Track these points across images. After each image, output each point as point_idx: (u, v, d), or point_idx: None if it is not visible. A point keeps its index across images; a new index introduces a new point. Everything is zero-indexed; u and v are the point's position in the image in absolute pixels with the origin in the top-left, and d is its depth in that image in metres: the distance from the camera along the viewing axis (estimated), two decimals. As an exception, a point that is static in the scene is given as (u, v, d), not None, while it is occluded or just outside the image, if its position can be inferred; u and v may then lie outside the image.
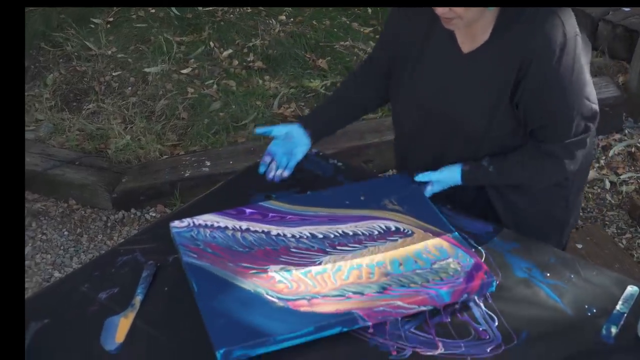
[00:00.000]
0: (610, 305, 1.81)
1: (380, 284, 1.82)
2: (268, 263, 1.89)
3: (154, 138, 4.06)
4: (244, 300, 1.78)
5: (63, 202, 3.84)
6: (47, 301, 1.88)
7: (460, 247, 1.93)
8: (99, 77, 4.58)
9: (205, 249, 1.93)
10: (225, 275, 1.85)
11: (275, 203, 2.09)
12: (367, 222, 2.02)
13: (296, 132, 2.24)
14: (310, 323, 1.71)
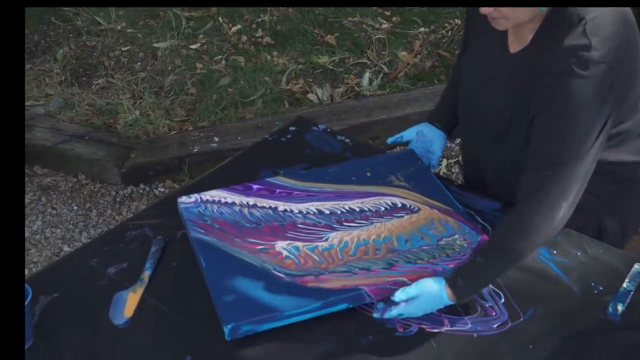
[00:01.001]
0: (617, 282, 1.81)
1: (386, 260, 1.84)
2: (275, 239, 1.90)
3: (162, 113, 4.06)
4: (252, 275, 1.79)
5: (72, 177, 3.86)
6: (56, 275, 1.90)
7: (466, 223, 1.94)
8: (109, 52, 4.58)
9: (213, 225, 1.94)
10: (232, 251, 1.86)
11: (282, 179, 2.10)
12: (374, 199, 2.03)
13: (427, 130, 2.23)
14: (317, 299, 1.73)
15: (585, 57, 1.71)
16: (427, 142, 2.22)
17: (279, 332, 1.69)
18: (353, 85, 4.21)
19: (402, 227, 1.94)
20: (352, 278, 1.78)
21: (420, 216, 1.97)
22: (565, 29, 1.74)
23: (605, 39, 1.73)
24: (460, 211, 1.98)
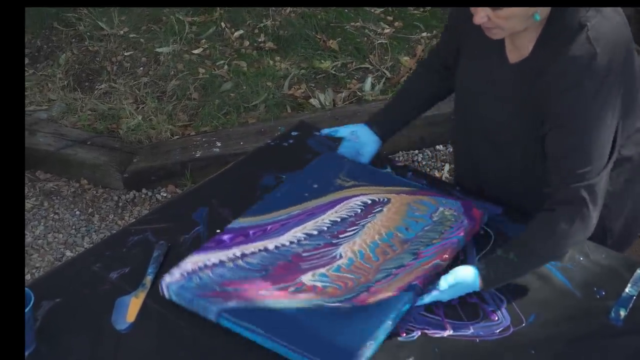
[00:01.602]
0: (620, 287, 1.81)
1: (408, 251, 1.86)
2: (296, 275, 1.80)
3: (165, 118, 4.07)
4: (315, 317, 1.69)
5: (75, 182, 3.86)
6: (58, 280, 1.90)
7: (437, 195, 2.01)
8: (111, 57, 4.59)
9: (225, 289, 1.76)
10: (272, 305, 1.73)
11: (244, 220, 1.96)
12: (342, 205, 2.01)
13: (363, 132, 2.21)
14: (387, 311, 1.70)
15: (594, 67, 1.71)
16: (359, 144, 2.20)
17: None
18: (355, 90, 4.22)
19: (391, 220, 1.95)
20: (397, 279, 1.77)
21: (396, 204, 1.99)
22: (567, 37, 1.74)
23: (609, 45, 1.73)
24: (422, 187, 2.04)
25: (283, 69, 4.41)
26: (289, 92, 4.23)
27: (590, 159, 1.76)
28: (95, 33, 4.75)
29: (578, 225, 1.77)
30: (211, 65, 4.46)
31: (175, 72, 4.39)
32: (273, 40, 4.64)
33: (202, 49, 4.59)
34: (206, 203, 2.08)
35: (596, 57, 1.71)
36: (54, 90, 4.33)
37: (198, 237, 1.98)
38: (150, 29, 4.75)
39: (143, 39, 4.67)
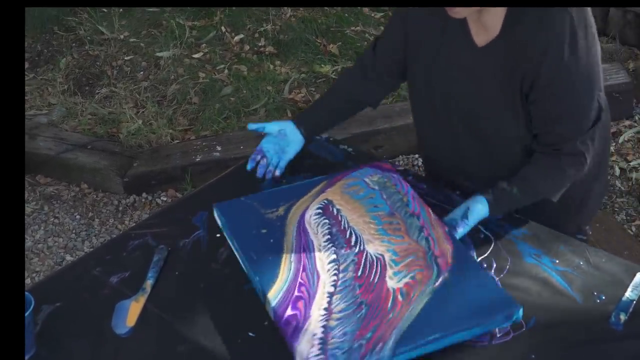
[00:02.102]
0: (620, 292, 1.81)
1: (405, 216, 1.97)
2: (382, 290, 1.77)
3: (165, 122, 4.07)
4: (443, 304, 1.74)
5: (75, 186, 3.86)
6: (58, 284, 1.90)
7: (354, 171, 2.13)
8: (112, 61, 4.59)
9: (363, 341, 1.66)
10: (405, 322, 1.70)
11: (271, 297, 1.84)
12: (308, 226, 1.96)
13: (289, 130, 2.23)
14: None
15: (573, 28, 1.83)
16: (284, 142, 2.23)
17: (280, 339, 1.69)
18: (355, 95, 4.21)
19: (356, 209, 2.00)
20: (433, 231, 1.92)
21: (337, 198, 2.04)
22: (539, 10, 1.83)
23: (577, 10, 1.84)
24: (326, 177, 2.11)
25: (283, 73, 4.41)
26: (289, 96, 4.23)
27: (584, 116, 1.92)
28: (96, 37, 4.76)
29: (577, 172, 1.98)
30: (211, 70, 4.46)
31: (176, 77, 4.40)
32: (273, 44, 4.65)
33: (202, 53, 4.60)
34: (206, 207, 2.08)
35: (573, 20, 1.81)
36: (54, 94, 4.33)
37: (198, 242, 1.98)
38: (150, 33, 4.76)
39: (143, 43, 4.68)
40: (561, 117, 1.92)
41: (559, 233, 2.01)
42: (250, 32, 4.76)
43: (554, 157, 1.96)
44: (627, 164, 3.70)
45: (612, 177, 3.64)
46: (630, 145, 3.82)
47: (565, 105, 1.91)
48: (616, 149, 3.80)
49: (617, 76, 4.00)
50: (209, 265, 1.91)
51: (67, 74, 4.51)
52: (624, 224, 3.36)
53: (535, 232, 1.97)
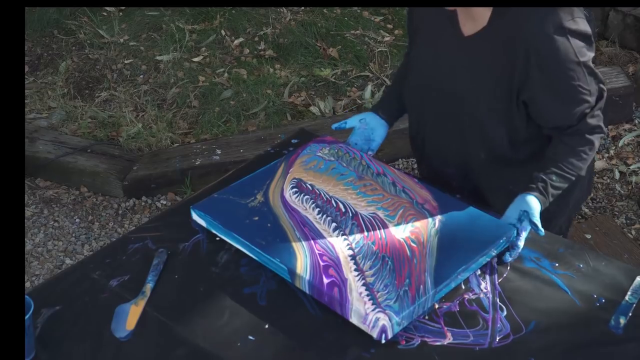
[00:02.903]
0: (619, 295, 1.81)
1: (390, 190, 2.06)
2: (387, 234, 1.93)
3: (165, 126, 4.07)
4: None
5: (75, 190, 3.86)
6: (58, 288, 1.90)
7: (302, 149, 2.22)
8: (111, 64, 4.59)
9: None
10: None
11: None
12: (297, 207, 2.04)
13: (371, 118, 2.32)
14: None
15: (558, 16, 1.89)
16: (368, 129, 2.32)
17: (280, 342, 1.69)
18: (355, 98, 4.22)
19: (327, 184, 2.09)
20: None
21: (304, 175, 2.12)
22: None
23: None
24: (289, 156, 2.20)
25: (283, 77, 4.41)
26: (289, 99, 4.24)
27: (585, 91, 1.96)
28: (96, 41, 4.76)
29: (598, 144, 2.05)
30: (211, 73, 4.46)
31: (176, 80, 4.40)
32: (273, 48, 4.65)
33: (202, 56, 4.60)
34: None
35: (562, 18, 1.88)
36: (54, 98, 4.34)
37: (198, 245, 1.98)
38: (150, 37, 4.76)
39: (143, 47, 4.68)
40: (563, 98, 1.97)
41: (558, 236, 2.01)
42: (250, 36, 4.76)
43: (573, 135, 2.01)
44: (627, 167, 3.70)
45: (612, 181, 3.64)
46: (630, 148, 3.82)
47: (564, 84, 1.95)
48: (616, 153, 3.80)
49: (617, 80, 4.00)
50: (209, 269, 1.91)
51: (67, 78, 4.52)
52: (624, 228, 3.36)
53: (534, 236, 1.97)
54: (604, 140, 3.85)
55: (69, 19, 4.95)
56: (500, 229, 1.92)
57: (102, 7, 5.04)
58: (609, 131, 3.89)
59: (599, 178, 3.65)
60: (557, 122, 2.01)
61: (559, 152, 2.02)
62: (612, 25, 4.53)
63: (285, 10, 4.95)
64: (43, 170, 3.89)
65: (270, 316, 1.76)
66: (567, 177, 2.00)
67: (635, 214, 3.45)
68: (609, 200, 3.54)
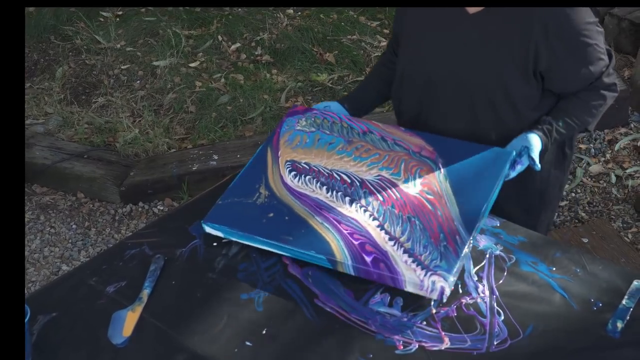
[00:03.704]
0: (616, 299, 1.81)
1: (383, 146, 2.07)
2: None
3: (162, 131, 4.07)
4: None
5: (71, 195, 3.86)
6: (55, 294, 1.89)
7: (279, 128, 2.19)
8: (108, 70, 4.59)
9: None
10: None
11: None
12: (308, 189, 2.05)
13: (334, 106, 2.31)
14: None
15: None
16: None
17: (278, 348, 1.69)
18: (352, 103, 4.22)
19: (320, 157, 2.08)
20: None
21: (294, 155, 2.10)
22: None
23: None
24: (270, 139, 2.17)
25: (280, 82, 4.41)
26: (286, 104, 4.24)
27: (603, 58, 2.06)
28: (92, 46, 4.76)
29: (610, 102, 2.12)
30: (208, 79, 4.46)
31: (172, 86, 4.40)
32: (270, 53, 4.65)
33: (198, 62, 4.60)
34: (203, 217, 2.07)
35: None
36: (51, 103, 4.33)
37: (195, 251, 1.98)
38: (147, 42, 4.76)
39: (140, 53, 4.68)
40: (584, 61, 2.04)
41: (555, 240, 2.01)
42: (246, 41, 4.77)
43: (589, 90, 2.09)
44: (623, 171, 3.70)
45: (608, 185, 3.64)
46: (626, 152, 3.82)
47: (583, 47, 2.02)
48: (612, 157, 3.80)
49: (613, 84, 4.00)
50: (206, 275, 1.90)
51: (63, 83, 4.51)
52: (621, 232, 3.36)
53: (531, 240, 1.97)
54: (600, 145, 3.85)
55: (66, 25, 4.95)
56: (501, 155, 1.98)
57: (99, 13, 5.04)
58: (605, 135, 3.90)
59: (595, 182, 3.65)
60: (578, 86, 2.08)
61: (571, 104, 2.09)
62: (608, 30, 4.54)
63: (282, 16, 4.95)
64: (39, 176, 3.89)
65: (267, 322, 1.76)
66: (573, 126, 2.09)
67: (631, 217, 3.45)
68: (606, 204, 3.54)
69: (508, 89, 2.06)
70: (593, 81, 2.07)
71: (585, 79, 2.07)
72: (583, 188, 3.61)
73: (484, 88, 2.08)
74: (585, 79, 2.07)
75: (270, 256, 1.92)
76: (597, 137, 3.90)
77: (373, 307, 1.78)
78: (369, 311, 1.77)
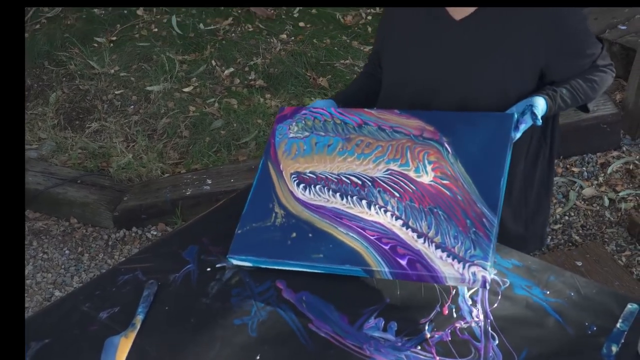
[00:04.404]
0: (611, 323, 1.80)
1: (382, 137, 2.00)
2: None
3: (155, 156, 4.07)
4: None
5: (64, 221, 3.85)
6: (47, 321, 1.88)
7: (273, 139, 2.14)
8: (102, 95, 4.60)
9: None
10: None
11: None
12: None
13: (320, 103, 2.27)
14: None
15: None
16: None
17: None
18: (345, 127, 4.22)
19: (323, 163, 2.02)
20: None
21: (296, 166, 2.05)
22: None
23: None
24: (268, 152, 2.12)
25: (273, 107, 4.42)
26: (279, 129, 4.24)
27: (597, 44, 2.12)
28: (86, 72, 4.77)
29: (608, 79, 2.17)
30: (202, 103, 4.47)
31: (166, 110, 4.41)
32: (263, 78, 4.67)
33: (192, 87, 4.61)
34: (197, 241, 2.07)
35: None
36: (44, 129, 4.33)
37: (188, 276, 1.97)
38: (140, 67, 4.78)
39: (134, 78, 4.69)
40: (583, 52, 2.09)
41: (549, 264, 2.01)
42: (240, 66, 4.78)
43: (587, 71, 2.12)
44: (616, 194, 3.71)
45: (602, 208, 3.65)
46: (618, 175, 3.83)
47: (581, 38, 2.07)
48: (605, 180, 3.81)
49: (605, 107, 4.02)
50: (199, 300, 1.90)
51: (57, 109, 4.52)
52: (614, 255, 3.36)
53: (525, 264, 1.96)
54: (593, 168, 3.86)
55: (60, 50, 4.96)
56: (504, 120, 1.93)
57: (93, 39, 5.05)
58: (598, 158, 3.91)
59: (588, 205, 3.66)
60: (576, 75, 2.10)
61: (572, 79, 2.10)
62: (600, 54, 4.56)
63: (275, 41, 4.97)
64: (32, 202, 3.88)
65: (261, 347, 1.75)
66: (575, 95, 2.07)
67: (625, 240, 3.46)
68: (599, 227, 3.55)
69: (506, 91, 2.06)
70: (589, 66, 2.12)
71: (582, 67, 2.11)
72: (576, 211, 3.62)
73: (479, 93, 2.07)
74: (583, 66, 2.11)
75: (264, 281, 1.92)
76: (589, 161, 3.91)
77: (367, 332, 1.77)
78: (364, 336, 1.77)
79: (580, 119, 3.85)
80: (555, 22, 2.00)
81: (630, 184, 3.77)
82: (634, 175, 3.82)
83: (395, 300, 1.85)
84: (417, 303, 1.84)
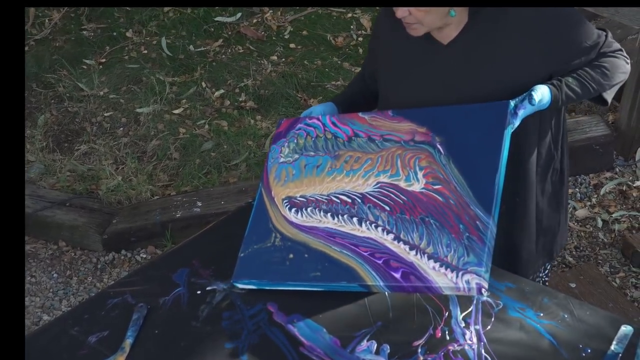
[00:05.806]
0: (605, 345, 1.80)
1: (372, 149, 1.98)
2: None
3: (145, 178, 4.05)
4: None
5: (53, 244, 3.82)
6: (36, 345, 1.86)
7: (266, 166, 2.13)
8: (91, 117, 4.59)
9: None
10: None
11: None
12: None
13: (318, 109, 2.28)
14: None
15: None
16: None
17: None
18: (336, 149, 4.22)
19: (314, 186, 2.02)
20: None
21: (286, 192, 2.05)
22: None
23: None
24: (262, 179, 2.12)
25: (264, 128, 4.42)
26: (270, 151, 4.23)
27: (596, 32, 2.07)
28: (75, 94, 4.75)
29: (623, 63, 2.10)
30: (192, 125, 4.46)
31: (156, 132, 4.39)
32: (254, 99, 4.66)
33: (182, 108, 4.60)
34: (187, 264, 2.05)
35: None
36: (33, 151, 4.31)
37: (178, 299, 1.96)
38: (130, 89, 4.77)
39: (123, 100, 4.68)
40: (584, 46, 2.04)
41: (543, 286, 2.00)
42: (230, 87, 4.78)
43: (596, 55, 2.08)
44: (609, 215, 3.71)
45: (595, 229, 3.65)
46: (611, 196, 3.84)
47: (580, 33, 2.02)
48: (598, 201, 3.81)
49: (597, 128, 4.03)
50: (190, 324, 1.88)
51: (45, 131, 4.50)
52: (608, 276, 3.35)
53: (519, 286, 1.95)
54: (586, 189, 3.86)
55: (48, 73, 4.95)
56: (499, 109, 1.88)
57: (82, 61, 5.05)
58: (590, 179, 3.92)
59: (581, 226, 3.66)
60: (582, 67, 2.06)
61: (576, 69, 2.06)
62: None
63: (266, 62, 4.98)
64: (21, 225, 3.85)
65: (252, 371, 1.74)
66: (584, 83, 2.02)
67: (619, 262, 3.45)
68: (593, 249, 3.54)
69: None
70: (594, 57, 2.06)
71: (587, 59, 2.06)
72: (570, 233, 3.61)
73: None
74: (587, 58, 2.06)
75: (255, 303, 1.91)
76: (582, 182, 3.91)
77: (360, 355, 1.75)
78: (356, 359, 1.75)
79: (574, 139, 3.85)
80: (548, 32, 1.98)
81: (623, 205, 3.77)
82: (627, 196, 3.82)
83: (387, 322, 1.84)
84: (410, 325, 1.83)
